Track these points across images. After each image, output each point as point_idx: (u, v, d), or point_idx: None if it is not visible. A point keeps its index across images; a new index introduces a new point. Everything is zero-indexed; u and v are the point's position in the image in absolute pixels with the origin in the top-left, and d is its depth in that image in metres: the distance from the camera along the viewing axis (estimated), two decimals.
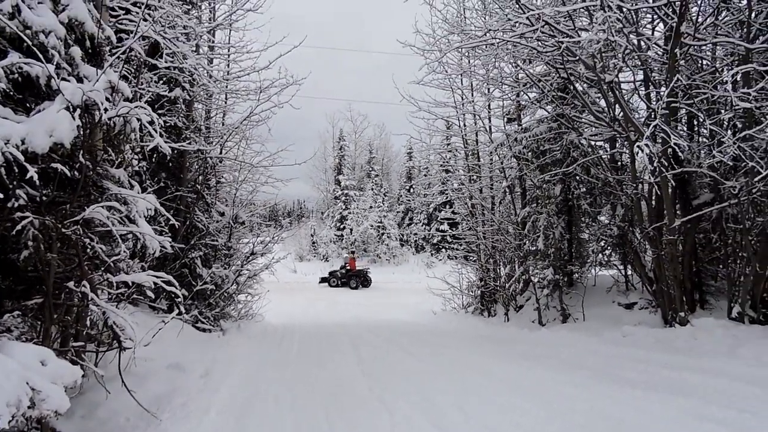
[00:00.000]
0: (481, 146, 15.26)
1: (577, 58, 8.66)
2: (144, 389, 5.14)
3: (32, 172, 3.27)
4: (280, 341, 10.29)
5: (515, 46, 9.62)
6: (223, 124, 11.36)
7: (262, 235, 11.54)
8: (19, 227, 3.47)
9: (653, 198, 10.03)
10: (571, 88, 10.51)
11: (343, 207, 45.66)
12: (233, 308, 11.58)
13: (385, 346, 9.74)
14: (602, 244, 12.02)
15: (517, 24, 8.63)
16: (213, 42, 10.24)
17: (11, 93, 3.74)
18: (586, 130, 11.31)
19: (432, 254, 42.96)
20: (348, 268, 29.23)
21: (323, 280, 29.62)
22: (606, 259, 12.16)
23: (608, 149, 11.70)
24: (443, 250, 40.15)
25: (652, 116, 8.36)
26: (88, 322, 4.44)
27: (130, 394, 4.46)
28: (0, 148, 3.18)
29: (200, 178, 9.99)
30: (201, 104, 10.66)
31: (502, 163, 13.83)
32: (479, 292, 15.10)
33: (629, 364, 7.05)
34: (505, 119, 14.01)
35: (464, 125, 15.10)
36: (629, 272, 11.93)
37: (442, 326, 13.66)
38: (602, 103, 10.35)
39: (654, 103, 8.86)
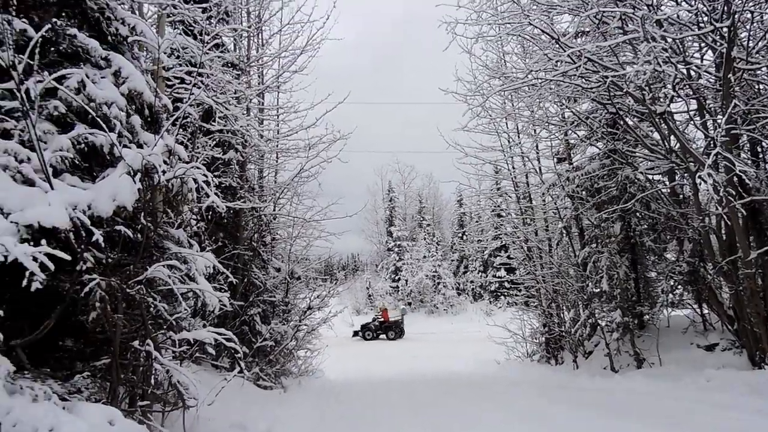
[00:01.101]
0: (532, 188, 15.02)
1: (625, 91, 8.51)
2: None
3: (98, 235, 3.42)
4: (340, 398, 10.11)
5: (558, 85, 9.58)
6: (275, 182, 11.73)
7: (318, 290, 11.59)
8: (87, 289, 3.61)
9: (723, 230, 9.47)
10: (621, 122, 10.28)
11: (397, 258, 45.57)
12: (293, 364, 11.56)
13: (448, 400, 9.40)
14: (672, 282, 11.39)
15: (558, 63, 8.62)
16: (262, 104, 10.73)
17: (78, 162, 3.98)
18: (641, 164, 10.97)
19: (490, 302, 41.87)
20: (381, 319, 29.00)
21: (355, 333, 29.28)
22: (678, 298, 11.49)
23: (667, 182, 11.25)
24: (502, 296, 39.09)
25: (712, 145, 8.04)
26: (153, 381, 4.50)
27: None
28: (68, 214, 3.35)
29: (256, 235, 10.25)
30: (254, 164, 11.08)
31: (555, 203, 13.53)
32: (543, 338, 14.48)
33: (718, 413, 6.49)
34: (555, 159, 13.81)
35: (513, 168, 14.96)
36: (705, 311, 11.18)
37: (507, 376, 13.11)
38: (656, 135, 10.05)
39: (712, 131, 8.52)
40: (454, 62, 13.00)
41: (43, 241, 3.16)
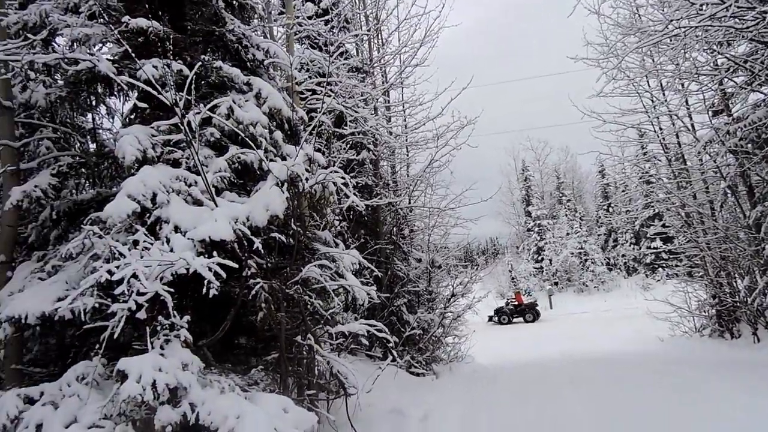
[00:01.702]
0: (685, 148, 13.63)
1: None
2: None
3: (257, 243, 3.81)
4: (492, 381, 10.09)
5: (707, 30, 8.57)
6: (407, 176, 11.97)
7: (460, 277, 11.65)
8: (253, 292, 4.03)
9: None
10: None
11: (538, 238, 44.05)
12: (442, 351, 11.75)
13: (607, 381, 8.95)
14: None
15: (703, 6, 7.73)
16: (388, 102, 11.00)
17: (234, 179, 4.45)
18: None
19: (647, 275, 38.80)
20: (516, 302, 28.49)
21: (490, 318, 28.72)
22: None
23: None
24: (660, 269, 36.04)
25: None
26: (316, 372, 4.89)
27: None
28: (232, 227, 3.76)
29: (394, 229, 10.58)
30: (386, 161, 11.42)
31: (715, 161, 12.14)
32: (714, 310, 13.12)
33: None
34: (710, 113, 12.38)
35: (660, 129, 13.68)
36: None
37: (674, 354, 12.10)
38: None
39: None
40: (581, 27, 12.20)
41: (214, 253, 3.58)
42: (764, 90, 10.42)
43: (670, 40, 9.42)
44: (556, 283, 41.02)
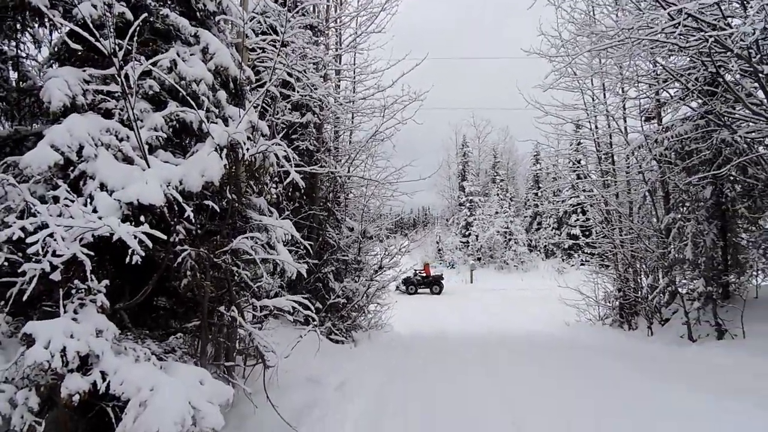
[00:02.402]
0: (615, 149, 14.29)
1: (728, 50, 7.79)
2: (285, 402, 5.47)
3: (189, 211, 3.65)
4: (408, 351, 10.42)
5: (653, 42, 8.89)
6: (350, 143, 11.83)
7: (389, 249, 11.80)
8: (179, 259, 3.89)
9: None
10: (721, 80, 9.46)
11: (468, 213, 45.26)
12: (363, 319, 11.97)
13: (517, 359, 9.48)
14: (763, 250, 10.66)
15: (654, 20, 7.98)
16: (339, 65, 10.72)
17: (171, 138, 4.22)
18: (741, 126, 10.10)
19: (563, 259, 40.98)
20: (423, 274, 29.34)
21: (396, 287, 29.55)
22: None
23: None
24: (575, 255, 38.13)
25: None
26: (237, 344, 4.84)
27: (273, 409, 4.78)
28: (163, 191, 3.58)
29: (330, 195, 10.49)
30: (330, 125, 11.21)
31: (640, 166, 12.82)
32: (617, 303, 14.11)
33: None
34: (643, 119, 12.99)
35: (596, 127, 14.25)
36: None
37: (577, 338, 12.95)
38: (760, 94, 9.18)
39: None
40: (539, 16, 12.30)
41: (142, 218, 3.41)
42: (693, 105, 11.03)
43: (617, 47, 9.70)
44: (479, 259, 42.50)
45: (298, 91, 7.67)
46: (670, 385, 7.04)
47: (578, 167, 17.59)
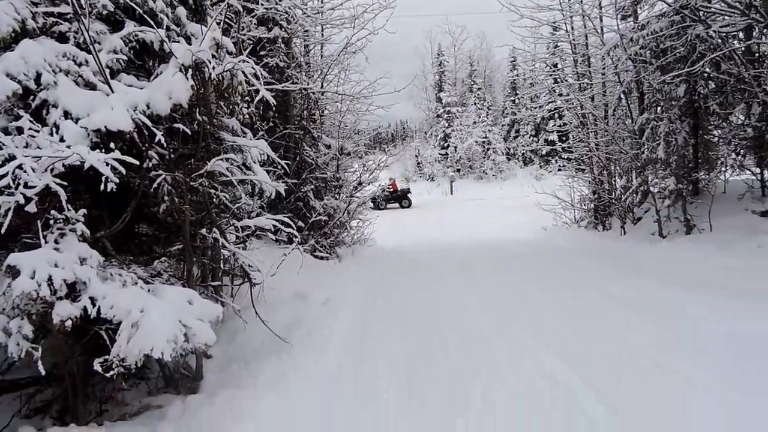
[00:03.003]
0: (591, 50, 14.10)
1: None
2: (274, 317, 5.67)
3: (159, 135, 3.60)
4: (391, 265, 10.72)
5: None
6: (321, 57, 11.48)
7: (368, 165, 11.80)
8: (155, 184, 3.88)
9: None
10: None
11: (446, 125, 44.92)
12: (347, 235, 12.20)
13: (495, 266, 9.86)
14: (734, 146, 10.91)
15: None
16: None
17: (133, 60, 4.06)
18: (715, 20, 9.97)
19: (541, 166, 41.48)
20: (391, 189, 30.05)
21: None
22: (739, 162, 11.05)
23: (743, 40, 10.27)
24: (553, 161, 38.58)
25: None
26: (221, 262, 4.95)
27: (263, 324, 4.99)
28: (131, 116, 3.51)
29: (305, 113, 10.31)
30: (299, 39, 10.81)
31: (616, 67, 12.73)
32: (592, 205, 14.53)
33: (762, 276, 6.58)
34: (619, 17, 12.71)
35: (572, 28, 13.96)
36: (767, 176, 10.78)
37: (553, 243, 13.42)
38: None
39: None
40: None
41: (111, 144, 3.36)
42: (669, 0, 10.79)
43: None
44: (458, 170, 42.77)
45: (262, 4, 7.32)
46: (644, 281, 7.42)
47: (555, 71, 17.40)
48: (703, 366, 4.16)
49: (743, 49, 9.99)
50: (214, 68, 4.00)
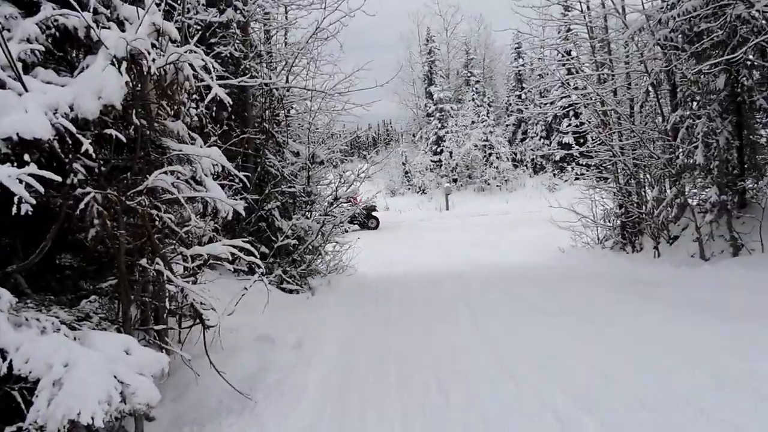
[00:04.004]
0: (612, 34, 14.34)
1: None
2: (234, 366, 5.59)
3: (86, 144, 3.54)
4: (376, 298, 10.65)
5: None
6: (285, 45, 11.51)
7: (345, 175, 11.79)
8: (82, 205, 3.80)
9: None
10: None
11: (439, 125, 45.26)
12: (321, 262, 12.11)
13: (504, 299, 9.84)
14: None
15: None
16: None
17: (52, 51, 4.01)
18: None
19: (554, 175, 41.88)
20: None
21: None
22: None
23: None
24: (568, 168, 38.99)
25: None
26: (167, 303, 4.86)
27: (220, 375, 4.89)
28: (49, 119, 3.44)
29: (267, 113, 10.29)
30: (258, 23, 10.84)
31: (641, 54, 12.95)
32: (619, 222, 14.67)
33: None
34: None
35: (588, 8, 14.22)
36: None
37: (573, 267, 13.50)
38: None
39: None
40: None
41: (26, 156, 3.29)
42: None
43: None
44: (455, 180, 43.00)
45: None
46: (685, 313, 7.44)
47: (568, 60, 17.67)
48: None
49: None
50: (154, 60, 3.97)
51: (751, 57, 10.58)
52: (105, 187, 3.99)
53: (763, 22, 10.38)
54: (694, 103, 11.73)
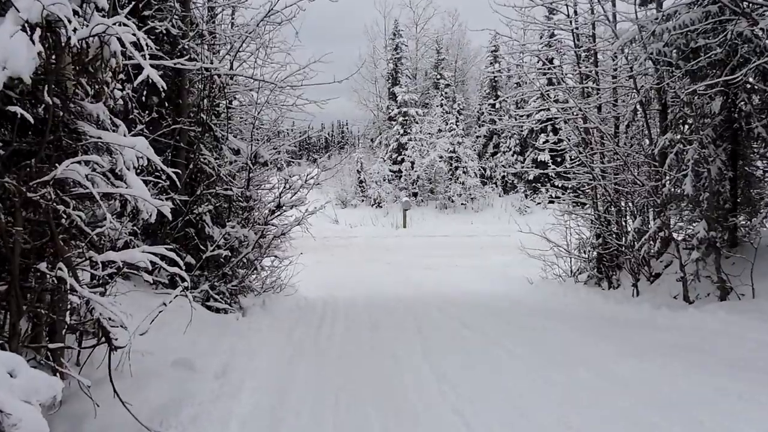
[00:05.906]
0: (600, 44, 14.66)
1: None
2: (143, 396, 5.41)
3: None
4: (319, 324, 10.59)
5: None
6: (232, 26, 11.42)
7: (291, 180, 11.70)
8: None
9: None
10: None
11: (401, 131, 45.47)
12: (256, 278, 11.96)
13: (463, 332, 9.86)
14: None
15: None
16: None
17: None
18: (765, 15, 10.56)
19: (526, 195, 42.53)
20: None
21: None
22: None
23: None
24: (542, 189, 39.64)
25: None
26: (66, 317, 4.67)
27: (125, 407, 4.71)
28: None
29: (205, 102, 10.14)
30: None
31: (631, 68, 13.25)
32: (595, 253, 14.92)
33: None
34: (638, 2, 13.30)
35: (575, 13, 14.51)
36: None
37: (542, 302, 13.65)
38: None
39: None
40: None
41: None
42: None
43: None
44: (415, 194, 43.22)
45: None
46: (664, 360, 7.52)
47: (550, 69, 17.99)
48: None
49: None
50: (75, 30, 3.83)
51: (751, 80, 10.88)
52: (2, 174, 3.82)
53: (767, 41, 10.73)
54: (686, 127, 12.01)
